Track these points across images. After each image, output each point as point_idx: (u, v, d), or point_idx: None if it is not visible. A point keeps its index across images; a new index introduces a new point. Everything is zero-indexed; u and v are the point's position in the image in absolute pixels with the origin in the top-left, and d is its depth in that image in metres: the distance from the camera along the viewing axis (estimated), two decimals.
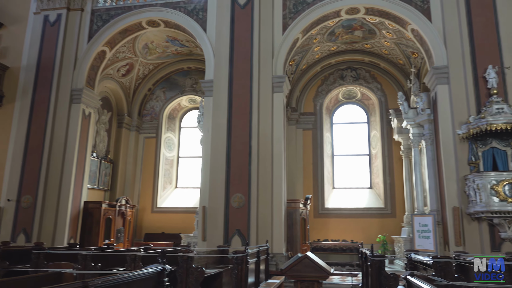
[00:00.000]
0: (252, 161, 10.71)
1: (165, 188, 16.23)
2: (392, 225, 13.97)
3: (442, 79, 10.38)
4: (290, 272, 4.33)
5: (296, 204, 11.94)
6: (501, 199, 8.80)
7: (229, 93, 11.26)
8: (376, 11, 11.41)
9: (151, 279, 3.53)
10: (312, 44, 13.71)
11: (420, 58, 13.07)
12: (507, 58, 9.94)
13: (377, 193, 15.04)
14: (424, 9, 10.88)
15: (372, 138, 15.71)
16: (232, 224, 10.40)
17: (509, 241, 9.05)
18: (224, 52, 11.56)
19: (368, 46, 14.43)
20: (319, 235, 14.39)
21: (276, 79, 11.32)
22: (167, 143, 16.66)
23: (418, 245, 10.25)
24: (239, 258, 6.19)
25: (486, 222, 9.24)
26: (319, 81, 15.99)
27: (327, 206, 14.91)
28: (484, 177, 9.01)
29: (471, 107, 9.89)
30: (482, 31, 10.23)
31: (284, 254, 10.42)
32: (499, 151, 9.53)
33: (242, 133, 10.94)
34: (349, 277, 10.18)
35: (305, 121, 15.61)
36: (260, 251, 7.64)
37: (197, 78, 16.14)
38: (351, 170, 15.68)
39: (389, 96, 15.23)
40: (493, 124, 9.01)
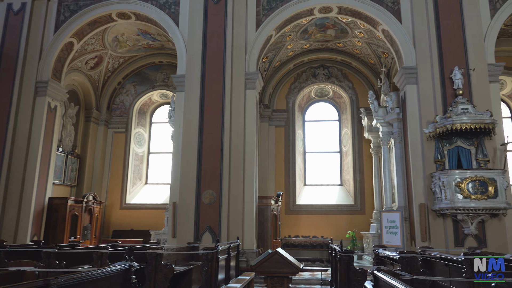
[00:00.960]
0: (224, 157, 10.65)
1: (135, 184, 15.91)
2: (361, 221, 14.25)
3: (411, 79, 10.63)
4: (260, 268, 4.31)
5: (268, 201, 11.98)
6: (464, 196, 9.11)
7: (202, 89, 11.13)
8: (349, 11, 11.56)
9: (117, 276, 3.43)
10: (286, 41, 13.75)
11: (390, 58, 13.35)
12: (472, 60, 10.29)
13: (347, 190, 15.30)
14: (395, 10, 11.10)
15: (343, 135, 15.95)
16: (203, 220, 10.31)
17: (471, 236, 9.39)
18: (197, 47, 11.40)
19: (341, 45, 14.61)
20: (290, 232, 14.50)
21: (249, 75, 11.28)
22: (137, 138, 16.33)
23: (386, 240, 10.49)
24: (209, 255, 6.13)
25: (451, 218, 9.55)
26: (292, 78, 16.08)
27: (298, 202, 15.04)
28: (449, 174, 9.30)
29: (438, 107, 10.18)
30: (449, 33, 10.53)
31: (255, 251, 10.43)
32: (464, 149, 9.86)
33: (214, 129, 10.84)
34: (319, 273, 10.30)
35: (278, 118, 15.67)
36: (230, 247, 7.60)
37: (169, 72, 15.88)
38: (322, 167, 15.88)
39: (360, 94, 15.50)
40: (458, 124, 9.31)
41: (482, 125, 9.26)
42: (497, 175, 9.14)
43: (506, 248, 9.07)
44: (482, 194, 9.02)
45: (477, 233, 9.35)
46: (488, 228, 9.41)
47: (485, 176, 9.11)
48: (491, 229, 9.40)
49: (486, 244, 9.27)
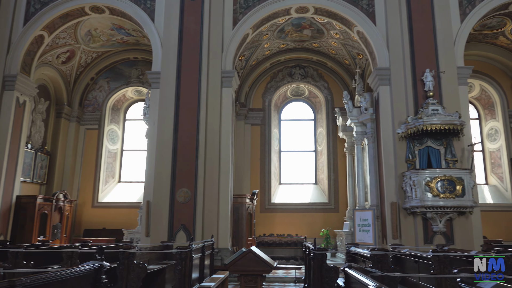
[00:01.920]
0: (199, 155, 10.57)
1: (107, 182, 15.60)
2: (335, 219, 14.46)
3: (384, 80, 10.85)
4: (234, 266, 4.31)
5: (243, 199, 11.98)
6: (434, 195, 9.38)
7: (177, 86, 11.01)
8: (325, 12, 11.68)
9: (87, 276, 3.35)
10: (262, 40, 13.78)
11: (365, 59, 13.58)
12: (442, 63, 10.59)
13: (321, 188, 15.48)
14: (369, 12, 11.30)
15: (318, 135, 16.13)
16: (177, 219, 10.21)
17: (440, 234, 9.69)
18: (173, 43, 11.27)
19: (317, 45, 14.76)
20: (265, 230, 14.56)
21: (225, 73, 11.24)
22: (111, 135, 16.01)
23: (359, 238, 10.68)
24: (183, 254, 6.08)
25: (421, 216, 9.81)
26: (268, 77, 16.13)
27: (273, 201, 15.12)
28: (420, 174, 9.56)
29: (410, 108, 10.43)
30: (421, 36, 10.80)
31: (229, 249, 10.41)
32: (434, 149, 10.15)
33: (189, 127, 10.74)
34: (293, 271, 10.39)
35: (254, 117, 15.70)
36: (205, 246, 7.56)
37: (143, 69, 15.62)
38: (298, 166, 16.01)
39: (335, 94, 15.71)
40: (429, 125, 9.57)
41: (451, 126, 9.55)
42: (464, 175, 9.45)
43: (472, 245, 9.40)
44: (450, 193, 9.31)
45: (445, 231, 9.65)
46: (456, 226, 9.73)
47: (453, 176, 9.41)
48: (458, 227, 9.72)
49: (454, 241, 9.58)
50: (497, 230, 13.10)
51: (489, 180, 14.65)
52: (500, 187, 14.34)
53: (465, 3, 11.15)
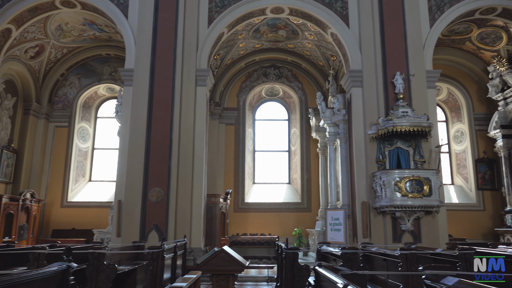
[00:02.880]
0: (173, 154, 10.48)
1: (78, 181, 15.21)
2: (308, 219, 14.64)
3: (357, 82, 11.07)
4: (205, 266, 4.31)
5: (216, 199, 11.96)
6: (403, 195, 9.65)
7: (151, 84, 10.86)
8: (300, 13, 11.80)
9: (54, 278, 3.27)
10: (238, 39, 13.78)
11: (338, 61, 13.80)
12: (412, 66, 10.90)
13: (295, 188, 15.63)
14: (343, 15, 11.49)
15: (292, 135, 16.27)
16: (149, 219, 10.08)
17: (408, 232, 9.97)
18: (147, 41, 11.11)
19: (291, 46, 14.88)
20: (238, 229, 14.57)
21: (200, 72, 11.18)
22: (81, 133, 15.61)
23: (330, 237, 10.86)
24: (154, 254, 6.01)
25: (390, 216, 10.07)
26: (243, 77, 16.14)
27: (247, 200, 15.16)
28: (389, 174, 9.81)
29: (381, 110, 10.68)
30: (393, 40, 11.07)
31: (202, 249, 10.38)
32: (403, 150, 10.44)
33: (163, 125, 10.63)
34: (266, 270, 10.46)
35: (228, 116, 15.68)
36: (177, 246, 7.50)
37: (116, 66, 15.32)
38: (271, 166, 16.11)
39: (309, 95, 15.89)
40: (399, 126, 9.83)
41: (419, 128, 9.84)
42: (432, 175, 9.76)
43: (438, 243, 9.73)
44: (418, 193, 9.60)
45: (413, 229, 9.94)
46: (423, 225, 10.04)
47: (421, 176, 9.70)
48: (425, 226, 10.04)
49: (421, 240, 9.88)
50: (462, 228, 13.60)
51: (454, 181, 15.19)
52: (465, 187, 14.88)
53: (434, 9, 11.51)
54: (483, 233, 13.93)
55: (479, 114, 15.00)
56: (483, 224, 14.07)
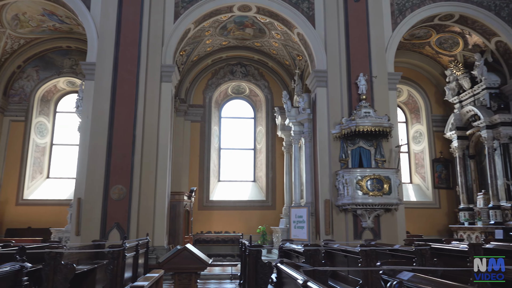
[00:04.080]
0: (136, 151, 10.26)
1: (34, 178, 14.58)
2: (272, 216, 14.75)
3: (322, 82, 11.26)
4: (168, 264, 4.26)
5: (181, 197, 11.83)
6: (364, 193, 9.92)
7: (114, 79, 10.58)
8: (267, 12, 11.85)
9: (6, 279, 3.14)
10: (204, 36, 13.66)
11: (304, 61, 13.98)
12: (375, 68, 11.21)
13: (260, 186, 15.72)
14: (310, 15, 11.65)
15: (257, 133, 16.34)
16: (110, 217, 9.83)
17: (368, 229, 10.27)
18: (110, 34, 10.80)
19: (258, 44, 14.93)
20: (202, 227, 14.48)
21: (165, 68, 11.00)
22: (39, 128, 14.97)
23: (294, 234, 11.01)
24: (115, 253, 5.88)
25: (351, 213, 10.34)
26: (209, 74, 16.03)
27: (212, 198, 15.09)
28: (352, 173, 10.06)
29: (344, 110, 10.92)
30: (357, 42, 11.35)
31: (165, 247, 10.24)
32: (365, 150, 10.74)
33: (126, 121, 10.38)
34: (229, 267, 10.46)
35: (194, 113, 15.53)
36: (139, 244, 7.37)
37: (77, 59, 14.78)
38: (237, 164, 16.12)
39: (275, 94, 16.00)
40: (361, 126, 10.10)
41: (381, 128, 10.15)
42: (391, 174, 10.10)
43: (397, 239, 10.09)
44: (378, 191, 9.91)
45: (373, 226, 10.25)
46: (383, 222, 10.37)
47: (381, 175, 10.02)
48: (385, 223, 10.37)
49: (380, 236, 10.21)
50: (419, 225, 14.18)
51: (413, 179, 15.79)
52: (422, 186, 15.51)
53: (396, 13, 11.89)
54: (439, 230, 14.58)
55: (436, 116, 15.65)
56: (438, 221, 14.72)
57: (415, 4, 11.94)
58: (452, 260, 6.25)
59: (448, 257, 6.39)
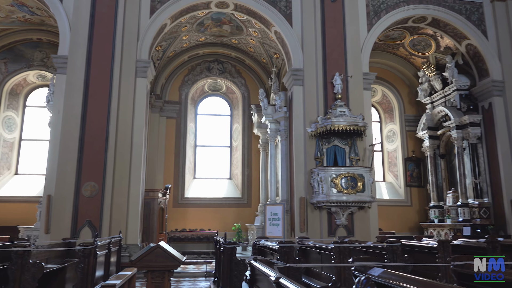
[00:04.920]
0: (109, 147, 10.05)
1: (2, 174, 14.07)
2: (248, 214, 14.77)
3: (298, 80, 11.33)
4: (140, 262, 4.19)
5: (155, 194, 11.69)
6: (338, 191, 10.06)
7: (87, 73, 10.32)
8: (244, 9, 11.82)
9: None
10: (181, 32, 13.50)
11: (281, 59, 14.03)
12: (350, 67, 11.37)
13: (235, 183, 15.70)
14: (287, 14, 11.69)
15: (234, 130, 16.30)
16: (82, 214, 9.60)
17: (342, 227, 10.43)
18: (83, 27, 10.53)
19: (236, 41, 14.87)
20: (177, 225, 14.34)
21: (140, 63, 10.82)
22: (7, 122, 14.44)
23: (269, 232, 11.05)
24: (86, 251, 5.76)
25: (326, 211, 10.46)
26: (186, 70, 15.87)
27: (187, 195, 14.96)
28: (326, 171, 10.18)
29: (320, 108, 11.03)
30: (333, 41, 11.47)
31: (139, 245, 10.09)
32: (340, 148, 10.88)
33: (99, 117, 10.15)
34: (204, 265, 10.42)
35: (170, 110, 15.34)
36: (111, 242, 7.24)
37: (49, 52, 14.33)
38: (213, 161, 16.03)
39: (252, 91, 15.99)
40: (336, 125, 10.22)
41: (355, 127, 10.31)
42: (365, 172, 10.28)
43: (369, 236, 10.28)
44: (352, 189, 10.07)
45: (347, 224, 10.42)
46: (356, 219, 10.55)
47: (355, 173, 10.18)
48: (358, 220, 10.56)
49: (354, 233, 10.38)
50: (391, 222, 14.50)
51: (386, 178, 16.13)
52: (395, 184, 15.86)
53: (372, 14, 12.08)
54: (410, 227, 14.95)
55: (409, 116, 16.02)
56: (410, 218, 15.09)
57: (389, 6, 12.17)
58: (422, 256, 6.43)
59: (418, 254, 6.57)
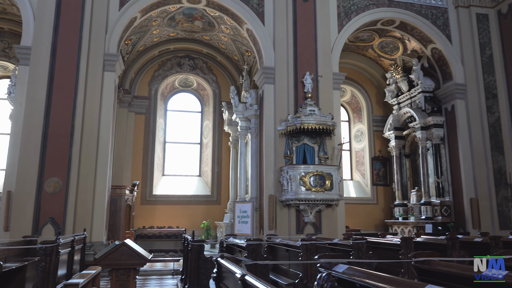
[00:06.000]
0: (74, 142, 9.75)
1: None
2: (217, 211, 14.71)
3: (269, 79, 11.37)
4: (104, 261, 4.08)
5: (122, 191, 11.45)
6: (307, 189, 10.19)
7: (51, 65, 9.96)
8: (216, 5, 11.73)
9: None
10: (151, 26, 13.25)
11: (253, 57, 14.03)
12: (321, 67, 11.52)
13: (205, 181, 15.59)
14: (259, 12, 11.70)
15: (204, 127, 16.18)
16: (44, 211, 9.28)
17: (310, 224, 10.57)
18: (48, 17, 10.15)
19: (207, 38, 14.75)
20: (145, 222, 14.11)
21: (109, 56, 10.55)
22: None
23: (238, 229, 11.06)
24: (48, 249, 5.57)
25: (294, 208, 10.58)
26: (156, 65, 15.59)
27: (155, 193, 14.73)
28: (296, 169, 10.29)
29: (291, 107, 11.12)
30: (304, 41, 11.58)
31: (104, 243, 9.87)
32: (309, 147, 11.02)
33: (64, 111, 9.82)
34: (172, 263, 10.30)
35: (139, 105, 15.03)
36: (75, 240, 7.04)
37: (11, 42, 13.72)
38: (182, 158, 15.86)
39: (223, 88, 15.92)
40: (306, 124, 10.34)
41: (325, 126, 10.46)
42: (333, 171, 10.46)
43: (336, 234, 10.47)
44: (321, 187, 10.23)
45: (314, 221, 10.57)
46: (324, 217, 10.72)
47: (324, 171, 10.34)
48: (326, 218, 10.73)
49: (321, 231, 10.55)
50: (358, 220, 14.82)
51: (353, 176, 16.47)
52: (362, 183, 16.22)
53: (342, 16, 12.28)
54: (376, 225, 15.34)
55: (377, 116, 16.41)
56: (376, 216, 15.48)
57: (360, 8, 12.40)
58: (386, 253, 6.61)
59: (383, 250, 6.76)
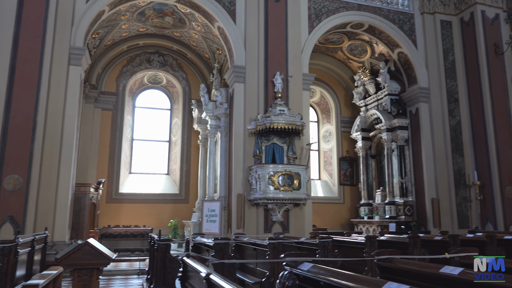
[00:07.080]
0: (36, 138, 9.39)
1: None
2: (185, 210, 14.57)
3: (240, 78, 11.37)
4: (66, 260, 3.97)
5: (87, 189, 11.14)
6: (275, 188, 10.27)
7: (13, 57, 9.55)
8: (188, 2, 11.61)
9: None
10: (120, 20, 12.95)
11: (224, 55, 13.97)
12: (291, 68, 11.63)
13: (173, 179, 15.41)
14: (231, 10, 11.67)
15: (173, 125, 15.98)
16: (3, 209, 8.88)
17: (278, 223, 10.66)
18: (10, 6, 9.73)
19: (178, 34, 14.57)
20: (110, 221, 13.78)
21: (74, 50, 10.23)
22: None
23: (206, 228, 11.00)
24: (5, 249, 5.35)
25: (263, 207, 10.63)
26: (124, 60, 15.25)
27: (121, 191, 14.42)
28: (264, 168, 10.34)
29: (261, 106, 11.17)
30: (275, 41, 11.65)
31: (67, 242, 9.56)
32: (278, 146, 11.10)
33: (25, 105, 9.44)
34: (137, 262, 10.12)
35: (106, 101, 14.66)
36: (36, 239, 6.79)
37: None
38: (150, 156, 15.60)
39: (193, 86, 15.77)
40: (275, 123, 10.41)
41: (294, 126, 10.58)
42: (301, 170, 10.59)
43: (304, 232, 10.62)
44: (289, 187, 10.33)
45: (282, 220, 10.67)
46: (291, 216, 10.84)
47: (292, 171, 10.45)
48: (293, 217, 10.85)
49: (289, 230, 10.66)
50: (325, 219, 15.07)
51: (321, 176, 16.73)
52: (329, 182, 16.51)
53: (313, 17, 12.44)
54: (342, 224, 15.65)
55: (345, 117, 16.74)
56: (342, 215, 15.79)
57: (330, 10, 12.61)
58: (351, 251, 6.76)
59: (348, 249, 6.91)
